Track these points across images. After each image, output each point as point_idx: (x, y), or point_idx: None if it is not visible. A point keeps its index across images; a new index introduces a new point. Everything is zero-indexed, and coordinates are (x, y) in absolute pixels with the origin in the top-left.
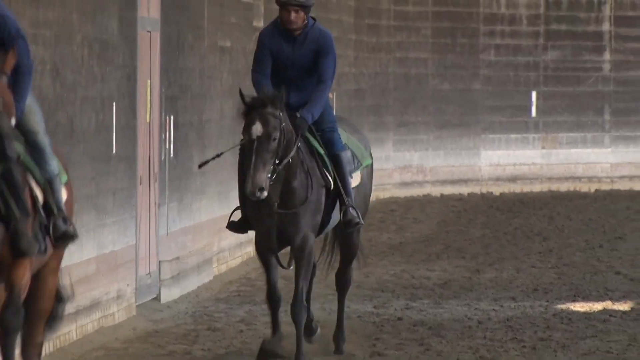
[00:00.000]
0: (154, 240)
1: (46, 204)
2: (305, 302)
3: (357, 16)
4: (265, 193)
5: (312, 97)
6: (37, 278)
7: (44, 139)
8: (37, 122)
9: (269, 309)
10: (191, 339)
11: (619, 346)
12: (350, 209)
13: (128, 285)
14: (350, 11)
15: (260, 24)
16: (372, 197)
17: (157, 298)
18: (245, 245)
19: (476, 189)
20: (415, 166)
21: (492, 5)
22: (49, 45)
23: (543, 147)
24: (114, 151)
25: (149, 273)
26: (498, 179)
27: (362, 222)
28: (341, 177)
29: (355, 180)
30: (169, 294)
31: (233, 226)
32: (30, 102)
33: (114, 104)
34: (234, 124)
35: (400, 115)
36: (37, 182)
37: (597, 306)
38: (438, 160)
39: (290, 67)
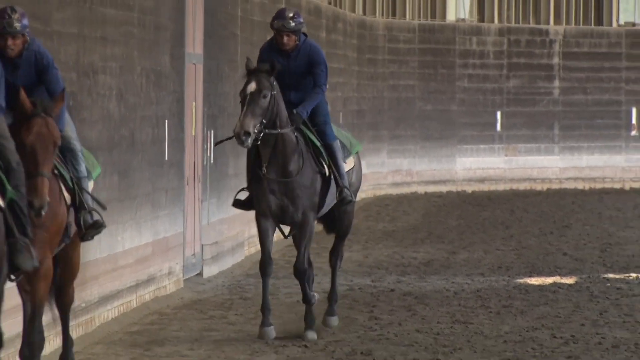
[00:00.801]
0: (198, 228)
1: (76, 201)
2: (304, 264)
3: (359, 52)
4: (250, 140)
5: (307, 97)
6: (64, 252)
7: (76, 144)
8: (71, 131)
9: (262, 279)
10: (227, 306)
11: (565, 311)
12: (345, 189)
13: (177, 264)
14: (353, 48)
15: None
16: (370, 194)
17: (200, 274)
18: None
19: (452, 188)
20: (405, 170)
21: (466, 43)
22: (115, 75)
23: (506, 155)
24: (166, 158)
25: (194, 254)
26: (470, 180)
27: (354, 200)
28: (335, 163)
29: (348, 164)
30: (209, 271)
31: (238, 204)
32: (67, 118)
33: (166, 121)
34: None
35: (393, 130)
36: (67, 187)
37: (549, 280)
38: (423, 166)
39: (287, 76)
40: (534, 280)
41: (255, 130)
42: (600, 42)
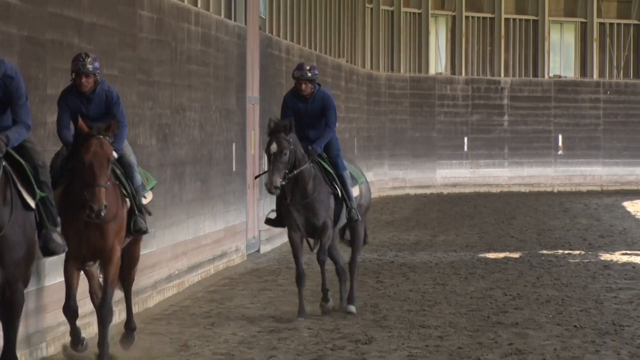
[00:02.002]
0: (256, 219)
1: (133, 206)
2: (325, 253)
3: (367, 96)
4: (278, 191)
5: (321, 135)
6: (127, 246)
7: (132, 160)
8: (128, 151)
9: (297, 287)
10: (277, 273)
11: (512, 277)
12: (353, 209)
13: (242, 243)
14: (363, 93)
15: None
16: (376, 195)
17: (258, 250)
18: None
19: (434, 191)
20: (400, 178)
21: (442, 89)
22: (197, 111)
23: (470, 168)
24: (234, 170)
25: (254, 237)
26: (446, 186)
27: (360, 219)
28: (345, 188)
29: (355, 192)
30: (264, 248)
31: (270, 222)
32: (126, 144)
33: (234, 144)
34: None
35: (392, 150)
36: (127, 193)
37: (501, 255)
38: (412, 175)
39: (305, 117)
40: (491, 255)
41: (283, 182)
42: (536, 89)
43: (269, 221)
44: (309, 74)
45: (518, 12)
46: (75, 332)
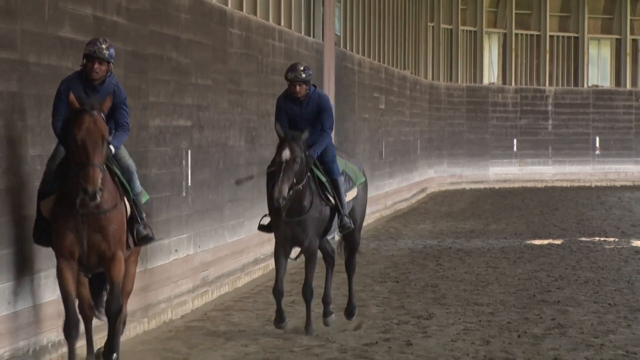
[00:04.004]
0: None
1: (133, 215)
2: (312, 287)
3: (429, 103)
4: (284, 202)
5: (317, 140)
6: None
7: (130, 163)
8: (124, 154)
9: (275, 299)
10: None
11: (555, 260)
12: (345, 217)
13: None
14: (426, 100)
15: (382, 105)
16: (437, 189)
17: (333, 237)
18: (375, 213)
19: (487, 186)
20: (458, 175)
21: (494, 97)
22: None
23: (519, 165)
24: None
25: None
26: (497, 181)
27: (353, 227)
28: (338, 195)
29: (351, 195)
30: (338, 235)
31: (262, 228)
32: (122, 148)
33: None
34: (371, 155)
35: (450, 150)
36: (129, 200)
37: (545, 242)
38: (468, 172)
39: (300, 121)
40: (536, 242)
41: (290, 193)
42: (576, 97)
43: (261, 227)
44: (303, 75)
45: (561, 30)
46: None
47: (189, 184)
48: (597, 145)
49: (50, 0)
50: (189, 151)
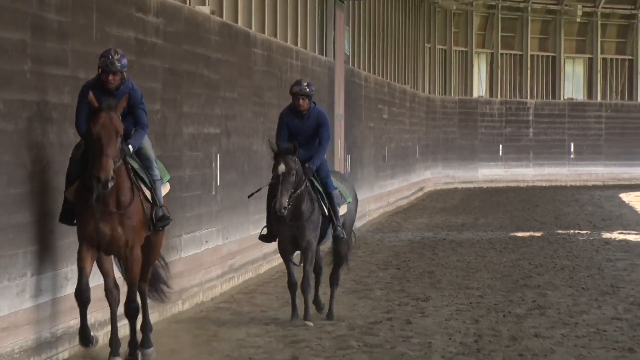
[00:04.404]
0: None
1: (152, 199)
2: (310, 281)
3: (426, 113)
4: (286, 211)
5: (315, 153)
6: (148, 241)
7: (150, 154)
8: (147, 145)
9: (289, 292)
10: (357, 247)
11: (535, 250)
12: (338, 227)
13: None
14: (423, 111)
15: (385, 115)
16: (433, 189)
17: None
18: (379, 209)
19: (476, 185)
20: (450, 175)
21: (483, 109)
22: None
23: (504, 168)
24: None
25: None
26: (485, 181)
27: (345, 237)
28: (332, 207)
29: (342, 210)
30: None
31: (262, 238)
32: (145, 139)
33: None
34: (376, 158)
35: (444, 154)
36: (147, 186)
37: (527, 234)
38: (460, 173)
39: (300, 134)
40: (519, 234)
41: (291, 203)
42: (554, 108)
43: (262, 237)
44: (307, 90)
45: (540, 50)
46: (84, 328)
47: (218, 184)
48: (572, 150)
49: (97, 24)
50: (218, 155)
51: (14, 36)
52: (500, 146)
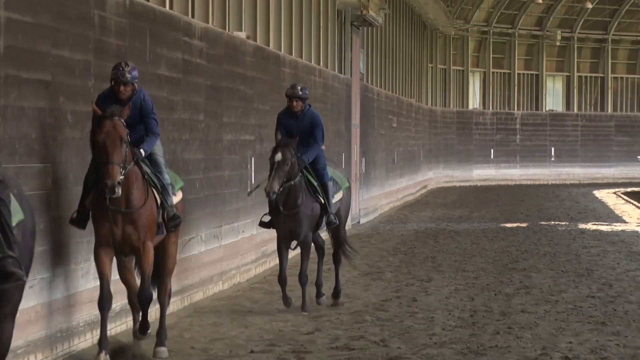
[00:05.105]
0: (358, 201)
1: (163, 202)
2: (306, 274)
3: (429, 122)
4: (275, 196)
5: (309, 149)
6: (162, 247)
7: (160, 160)
8: (159, 151)
9: (280, 286)
10: (371, 235)
11: (521, 239)
12: (331, 215)
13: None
14: (426, 121)
15: (394, 124)
16: (435, 187)
17: (359, 222)
18: (389, 204)
19: (471, 184)
20: (450, 175)
21: (477, 119)
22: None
23: (495, 169)
24: (343, 168)
25: (357, 212)
26: (479, 180)
27: (337, 223)
28: (326, 197)
29: (337, 197)
30: (363, 220)
31: (262, 224)
32: (157, 144)
33: (343, 153)
34: (386, 161)
35: (445, 157)
36: (157, 190)
37: (514, 225)
38: (458, 173)
39: (296, 132)
40: (508, 225)
41: (280, 189)
42: (537, 118)
43: (262, 224)
44: (300, 93)
45: (526, 69)
46: (104, 332)
47: (253, 182)
48: (553, 153)
49: (150, 47)
50: (252, 158)
51: (81, 57)
52: (492, 150)
